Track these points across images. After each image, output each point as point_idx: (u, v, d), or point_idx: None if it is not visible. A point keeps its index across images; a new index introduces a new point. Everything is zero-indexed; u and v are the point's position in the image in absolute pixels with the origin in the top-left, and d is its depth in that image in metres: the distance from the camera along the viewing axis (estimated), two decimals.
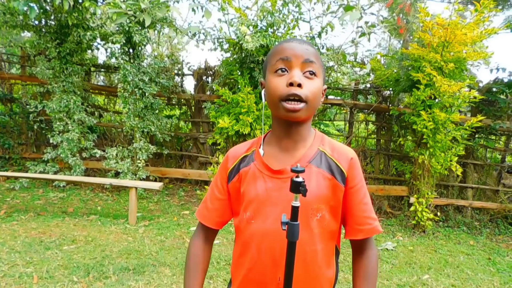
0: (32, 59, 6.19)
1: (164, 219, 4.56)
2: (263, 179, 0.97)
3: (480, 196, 5.43)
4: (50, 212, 4.46)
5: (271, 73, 0.94)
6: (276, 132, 1.01)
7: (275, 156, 0.99)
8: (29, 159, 6.12)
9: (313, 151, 0.98)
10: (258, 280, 0.97)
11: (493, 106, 5.23)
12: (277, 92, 0.91)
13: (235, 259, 1.06)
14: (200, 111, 6.01)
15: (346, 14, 4.41)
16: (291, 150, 0.99)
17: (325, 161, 0.98)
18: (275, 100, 0.92)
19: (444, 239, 4.54)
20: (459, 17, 4.03)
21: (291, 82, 0.88)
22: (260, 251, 0.96)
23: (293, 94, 0.88)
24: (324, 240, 0.97)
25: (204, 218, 1.11)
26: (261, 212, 0.96)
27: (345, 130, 6.15)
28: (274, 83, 0.92)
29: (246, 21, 4.30)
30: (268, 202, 0.95)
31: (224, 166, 1.08)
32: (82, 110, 5.44)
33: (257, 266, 0.97)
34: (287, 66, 0.92)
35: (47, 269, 2.99)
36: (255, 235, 0.97)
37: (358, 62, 5.82)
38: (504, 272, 3.69)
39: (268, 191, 0.96)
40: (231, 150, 1.09)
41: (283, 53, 0.92)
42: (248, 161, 1.03)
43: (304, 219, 0.93)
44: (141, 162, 5.32)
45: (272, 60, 0.94)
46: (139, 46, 5.10)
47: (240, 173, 1.03)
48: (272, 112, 0.99)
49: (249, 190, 0.99)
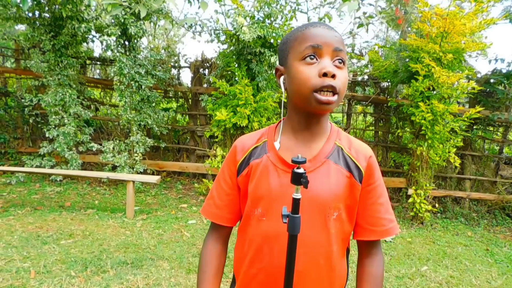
0: (26, 52, 6.11)
1: (162, 212, 4.54)
2: (277, 173, 0.91)
3: (478, 188, 5.44)
4: (47, 207, 4.43)
5: (297, 60, 0.86)
6: (294, 124, 0.94)
7: (290, 149, 0.93)
8: (25, 153, 6.08)
9: (330, 145, 0.93)
10: (268, 281, 0.91)
11: (491, 97, 5.23)
12: (308, 82, 0.83)
13: (240, 256, 1.00)
14: (197, 104, 5.97)
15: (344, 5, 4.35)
16: (308, 143, 0.93)
17: (343, 157, 0.92)
18: (306, 91, 0.84)
19: (442, 230, 4.55)
20: (457, 7, 4.00)
21: (326, 72, 0.82)
22: (272, 252, 0.90)
23: (329, 85, 0.82)
24: (339, 241, 0.92)
25: (214, 216, 1.02)
26: (274, 210, 0.89)
27: (343, 122, 6.13)
28: (306, 72, 0.84)
29: (243, 12, 4.25)
30: (282, 199, 0.88)
31: (232, 158, 1.00)
32: (78, 103, 5.38)
33: (268, 267, 0.91)
34: (317, 53, 0.85)
35: (44, 264, 2.97)
36: (267, 234, 0.91)
37: (356, 53, 5.78)
38: (501, 263, 3.71)
39: (283, 187, 0.89)
40: (239, 141, 1.01)
41: (313, 39, 0.85)
42: (259, 153, 0.95)
43: (322, 218, 0.89)
44: (138, 156, 5.28)
45: (300, 47, 0.86)
46: (135, 39, 5.03)
47: (251, 166, 0.95)
48: (297, 103, 0.90)
49: (261, 184, 0.92)
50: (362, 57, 5.51)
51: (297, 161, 0.74)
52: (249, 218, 0.95)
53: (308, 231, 0.87)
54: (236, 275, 1.04)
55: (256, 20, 4.38)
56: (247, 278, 0.96)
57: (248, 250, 0.95)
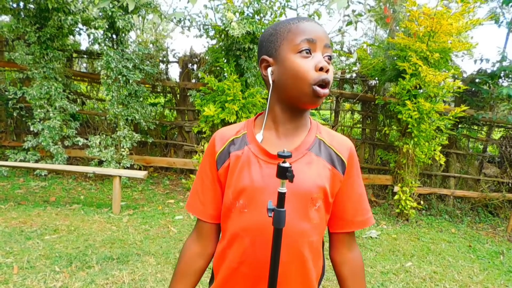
0: (10, 44, 5.98)
1: (149, 208, 4.51)
2: (259, 164, 0.90)
3: (462, 185, 5.54)
4: (31, 202, 4.36)
5: (293, 53, 0.86)
6: (277, 117, 0.93)
7: (272, 141, 0.93)
8: (8, 147, 5.96)
9: (312, 138, 0.93)
10: (251, 274, 0.91)
11: (476, 96, 5.31)
12: (307, 75, 0.84)
13: (220, 251, 0.98)
14: (185, 99, 5.93)
15: (333, 2, 4.36)
16: (290, 136, 0.93)
17: (325, 149, 0.93)
18: (304, 84, 0.84)
19: (426, 227, 4.63)
20: (445, 7, 4.04)
21: (322, 67, 0.84)
22: (254, 243, 0.89)
23: (325, 79, 0.84)
24: (318, 231, 0.93)
25: (200, 213, 0.99)
26: (256, 201, 0.89)
27: (331, 119, 6.17)
28: (304, 65, 0.84)
29: (232, 8, 4.23)
30: (264, 190, 0.88)
31: (211, 150, 0.98)
32: (63, 97, 5.30)
33: (250, 259, 0.90)
34: (312, 48, 0.86)
35: (28, 259, 2.93)
36: (249, 226, 0.90)
37: (345, 51, 5.81)
38: (483, 259, 3.79)
39: (265, 178, 0.89)
40: (218, 133, 1.00)
41: (308, 33, 0.86)
42: (240, 145, 0.94)
43: (305, 209, 0.89)
44: (125, 151, 5.23)
45: (295, 39, 0.86)
46: (123, 32, 4.97)
47: (230, 157, 0.94)
48: (290, 96, 0.89)
49: (243, 176, 0.91)
50: (351, 55, 5.54)
51: (282, 155, 0.74)
52: (230, 211, 0.93)
53: (291, 221, 0.86)
54: (215, 271, 1.01)
55: (246, 16, 4.36)
56: (229, 272, 0.94)
57: (229, 244, 0.94)
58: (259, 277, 0.89)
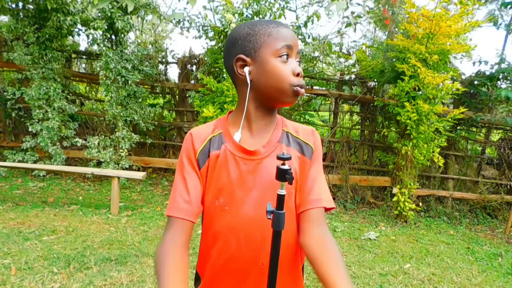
0: (9, 44, 5.97)
1: (147, 209, 4.50)
2: (235, 161, 0.93)
3: (461, 187, 5.55)
4: (29, 202, 4.35)
5: (274, 57, 0.91)
6: (251, 115, 0.96)
7: (245, 139, 0.96)
8: (7, 147, 5.94)
9: (279, 132, 0.99)
10: (238, 269, 0.93)
11: (475, 98, 5.32)
12: (288, 79, 0.90)
13: (205, 251, 0.97)
14: (184, 100, 5.93)
15: (332, 4, 4.38)
16: (262, 132, 0.97)
17: (293, 140, 0.99)
18: (285, 85, 0.90)
19: (425, 229, 4.63)
20: (444, 9, 4.05)
21: (299, 73, 0.91)
22: (239, 239, 0.91)
23: (302, 84, 0.92)
24: (295, 219, 0.96)
25: (187, 213, 0.91)
26: (236, 198, 0.91)
27: (330, 120, 6.17)
28: (284, 69, 0.91)
29: (231, 9, 4.24)
30: (242, 186, 0.92)
31: (190, 148, 0.96)
32: (62, 97, 5.28)
33: (236, 255, 0.92)
34: (289, 53, 0.92)
35: (25, 260, 2.92)
36: (231, 223, 0.91)
37: (344, 52, 5.82)
38: (482, 261, 3.79)
39: (243, 174, 0.92)
40: (194, 131, 0.99)
41: (287, 39, 0.92)
42: (218, 144, 0.95)
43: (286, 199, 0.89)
44: (124, 152, 5.22)
45: (276, 44, 0.91)
46: (122, 33, 4.96)
47: (210, 157, 0.94)
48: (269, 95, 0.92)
49: (222, 175, 0.92)
50: (350, 56, 5.55)
51: (282, 157, 0.74)
52: (210, 211, 0.94)
53: None
54: (200, 271, 1.01)
55: (245, 17, 4.37)
56: (215, 270, 0.96)
57: (214, 242, 0.95)
58: (246, 271, 0.92)
